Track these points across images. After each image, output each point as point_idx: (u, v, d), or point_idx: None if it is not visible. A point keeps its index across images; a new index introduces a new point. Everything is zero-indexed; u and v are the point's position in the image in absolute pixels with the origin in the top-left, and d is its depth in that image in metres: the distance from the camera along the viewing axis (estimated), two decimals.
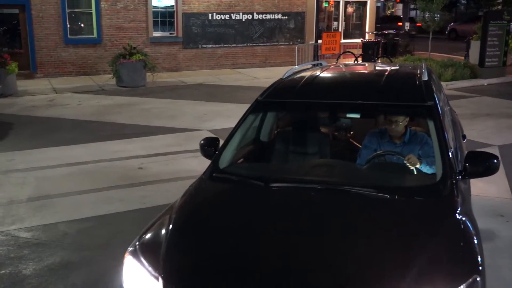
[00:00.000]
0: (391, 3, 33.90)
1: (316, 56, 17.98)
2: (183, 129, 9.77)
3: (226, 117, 10.81)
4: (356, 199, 3.25)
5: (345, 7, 21.44)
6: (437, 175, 3.47)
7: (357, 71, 5.70)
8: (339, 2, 21.17)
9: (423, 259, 2.64)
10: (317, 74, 4.62)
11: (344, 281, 2.54)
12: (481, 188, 6.64)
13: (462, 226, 3.03)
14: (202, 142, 4.18)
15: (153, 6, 17.35)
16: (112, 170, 7.38)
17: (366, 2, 21.81)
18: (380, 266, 2.60)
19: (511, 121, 10.41)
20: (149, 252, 2.91)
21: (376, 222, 3.00)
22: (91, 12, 16.49)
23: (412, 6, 31.29)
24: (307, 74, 4.64)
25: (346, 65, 8.14)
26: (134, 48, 14.86)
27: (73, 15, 16.27)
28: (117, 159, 7.88)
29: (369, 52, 18.69)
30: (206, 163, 4.16)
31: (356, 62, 17.54)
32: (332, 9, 21.37)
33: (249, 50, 19.23)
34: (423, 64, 4.65)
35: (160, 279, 2.68)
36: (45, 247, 5.04)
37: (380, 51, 19.05)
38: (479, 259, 2.78)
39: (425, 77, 4.16)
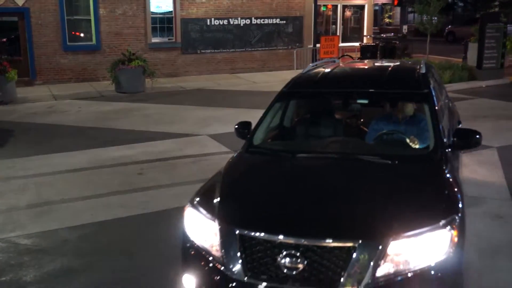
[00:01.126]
0: (389, 7, 33.99)
1: (314, 60, 18.01)
2: (183, 134, 9.80)
3: (225, 122, 10.84)
4: (364, 163, 4.13)
5: (343, 11, 21.50)
6: (429, 147, 4.29)
7: (365, 66, 6.73)
8: (337, 6, 21.24)
9: (415, 201, 3.49)
10: (332, 69, 5.48)
11: (355, 209, 3.45)
12: (480, 190, 6.66)
13: (447, 182, 3.85)
14: (237, 126, 5.00)
15: (151, 12, 17.41)
16: (112, 176, 7.40)
17: (363, 6, 21.88)
18: (382, 205, 3.44)
19: (510, 123, 10.44)
20: (205, 204, 3.73)
21: (380, 178, 3.86)
22: (90, 19, 16.55)
23: (409, 9, 31.39)
24: (323, 69, 5.46)
25: (356, 61, 9.18)
26: (133, 54, 14.90)
27: (72, 22, 16.31)
28: (117, 165, 7.90)
29: (367, 56, 18.73)
30: (205, 169, 4.18)
31: None
32: (330, 13, 21.43)
33: (248, 55, 19.28)
34: (422, 61, 5.40)
35: (216, 220, 3.50)
36: (46, 254, 5.05)
37: (378, 54, 19.09)
38: (460, 204, 3.58)
39: (423, 71, 5.04)
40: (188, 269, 3.64)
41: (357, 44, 20.68)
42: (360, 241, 3.16)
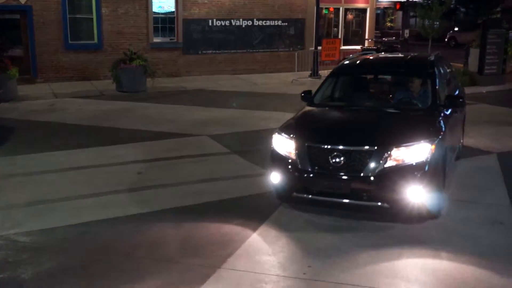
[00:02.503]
0: (391, 11, 34.01)
1: (315, 63, 18.02)
2: (183, 135, 9.80)
3: (225, 122, 10.85)
4: (386, 112, 6.65)
5: (345, 14, 21.53)
6: (428, 105, 6.60)
7: (391, 55, 9.92)
8: (339, 9, 21.26)
9: (412, 129, 5.84)
10: (365, 57, 8.42)
11: (375, 131, 5.88)
12: (480, 195, 6.66)
13: (434, 123, 6.19)
14: (302, 93, 7.28)
15: (153, 12, 17.43)
16: (112, 174, 7.40)
17: (365, 9, 21.91)
18: (391, 130, 5.87)
19: (510, 129, 10.45)
20: (285, 131, 6.14)
21: (394, 118, 6.42)
22: (92, 18, 16.56)
23: (411, 14, 31.40)
24: (359, 58, 8.36)
25: (384, 52, 12.02)
26: (135, 53, 14.91)
27: (74, 21, 16.32)
28: (116, 164, 7.90)
29: None
30: (205, 169, 4.17)
31: None
32: (332, 16, 21.46)
33: (249, 56, 19.29)
34: (437, 52, 8.20)
35: (293, 138, 5.89)
36: (44, 252, 5.04)
37: None
38: (439, 134, 5.89)
39: (432, 59, 7.46)
40: (274, 169, 5.99)
41: (358, 47, 20.69)
42: (376, 148, 5.54)
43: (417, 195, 5.43)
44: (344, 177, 5.55)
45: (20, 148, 8.72)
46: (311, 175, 5.65)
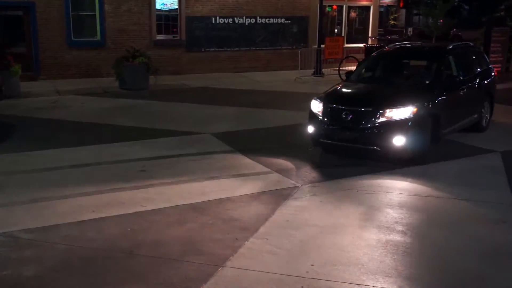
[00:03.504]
0: (394, 9, 33.88)
1: (319, 61, 17.98)
2: (185, 132, 9.79)
3: (228, 120, 10.83)
4: (394, 85, 8.93)
5: (348, 12, 21.46)
6: (430, 80, 8.84)
7: (419, 44, 12.25)
8: (342, 7, 21.20)
9: (407, 97, 7.99)
10: (398, 45, 11.07)
11: (378, 98, 8.17)
12: (483, 194, 6.64)
13: (428, 93, 8.31)
14: (346, 74, 9.99)
15: (156, 9, 17.40)
16: (114, 172, 7.40)
17: (369, 7, 21.84)
18: (389, 97, 8.09)
19: None
20: (319, 98, 8.38)
21: (400, 89, 8.65)
22: (95, 15, 16.54)
23: (415, 12, 31.28)
24: (394, 45, 11.13)
25: (413, 43, 13.73)
26: (137, 51, 14.89)
27: (77, 18, 16.31)
28: (119, 162, 7.89)
29: None
30: (207, 167, 4.14)
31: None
32: (335, 14, 21.39)
33: (252, 54, 19.26)
34: (452, 43, 11.41)
35: (321, 102, 8.23)
36: (47, 249, 5.04)
37: None
38: (426, 101, 8.07)
39: (450, 47, 9.79)
40: (310, 123, 8.36)
41: (362, 45, 20.64)
42: (371, 109, 7.79)
43: (399, 142, 7.58)
44: (351, 128, 7.88)
45: (22, 145, 8.72)
46: (331, 127, 8.08)
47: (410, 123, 7.64)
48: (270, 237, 5.34)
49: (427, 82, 8.75)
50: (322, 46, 18.15)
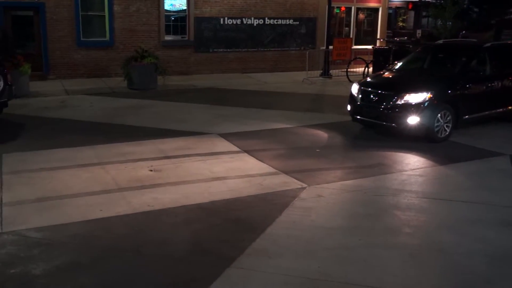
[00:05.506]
0: (403, 11, 33.80)
1: (327, 62, 17.96)
2: (193, 133, 9.81)
3: (235, 121, 10.85)
4: (422, 74, 10.62)
5: (357, 14, 21.43)
6: (455, 72, 10.24)
7: (459, 41, 13.48)
8: (350, 8, 21.17)
9: (424, 86, 9.41)
10: (443, 41, 12.50)
11: (400, 85, 9.76)
12: (491, 196, 6.60)
13: (448, 82, 9.79)
14: (389, 64, 13.41)
15: (165, 9, 17.47)
16: (122, 172, 7.43)
17: (377, 9, 21.80)
18: (409, 84, 9.63)
19: None
20: (358, 82, 10.46)
21: (422, 78, 10.22)
22: (104, 15, 16.63)
23: (424, 14, 31.19)
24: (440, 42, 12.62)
25: (457, 40, 14.95)
26: (146, 51, 14.95)
27: (86, 18, 16.40)
28: (127, 161, 7.93)
29: (380, 59, 18.62)
30: (215, 168, 4.17)
31: (367, 69, 17.50)
32: (344, 15, 21.36)
33: (260, 55, 19.28)
34: (491, 41, 12.69)
35: (358, 85, 10.19)
36: (55, 248, 5.08)
37: (391, 58, 18.97)
38: (443, 89, 9.57)
39: (487, 45, 10.72)
40: (349, 102, 10.16)
41: (370, 47, 20.59)
42: (391, 92, 9.36)
43: (413, 121, 9.04)
44: (376, 108, 9.46)
45: (31, 144, 8.78)
46: (362, 105, 9.75)
47: (423, 106, 9.06)
48: (277, 238, 5.34)
49: (453, 74, 9.97)
50: (330, 47, 18.13)
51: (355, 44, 20.64)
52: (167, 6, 17.52)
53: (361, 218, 5.90)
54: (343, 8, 21.14)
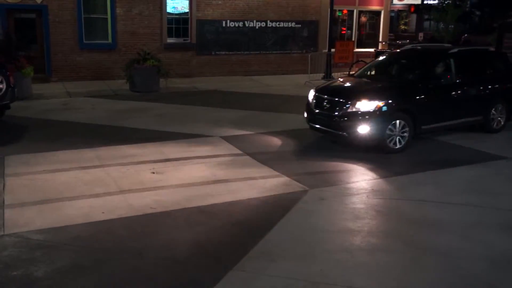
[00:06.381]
0: (405, 14, 33.80)
1: (329, 65, 17.96)
2: (195, 135, 9.82)
3: (237, 123, 10.85)
4: (376, 82, 9.94)
5: (359, 17, 21.44)
6: (415, 79, 9.78)
7: (423, 47, 11.88)
8: (353, 11, 21.17)
9: (376, 92, 9.12)
10: (402, 48, 11.66)
11: (353, 92, 9.26)
12: (494, 200, 6.59)
13: (403, 91, 9.33)
14: (351, 72, 12.40)
15: (167, 12, 17.49)
16: (124, 174, 7.43)
17: (380, 12, 21.80)
18: (360, 93, 9.10)
19: None
20: (314, 89, 9.68)
21: (375, 86, 9.64)
22: (107, 18, 16.66)
23: (426, 17, 31.18)
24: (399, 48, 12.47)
25: (421, 45, 13.16)
26: (148, 53, 14.97)
27: (88, 21, 16.44)
28: (129, 164, 7.93)
29: None
30: (216, 170, 4.14)
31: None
32: (346, 18, 21.37)
33: (262, 58, 19.28)
34: (453, 46, 11.23)
35: (313, 91, 9.59)
36: (56, 250, 5.08)
37: None
38: (396, 98, 8.94)
39: (453, 50, 10.09)
40: (305, 109, 9.58)
41: (372, 50, 20.60)
42: (343, 100, 8.81)
43: (363, 130, 8.54)
44: (328, 116, 8.94)
45: (33, 146, 8.80)
46: (316, 113, 9.22)
47: (373, 115, 8.53)
48: (279, 241, 5.34)
49: (411, 81, 9.50)
50: (332, 50, 18.14)
51: (357, 47, 20.64)
52: (169, 9, 17.55)
53: (363, 222, 5.89)
54: (345, 11, 21.15)
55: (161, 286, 4.47)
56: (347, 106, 8.68)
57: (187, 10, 17.80)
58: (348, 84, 9.96)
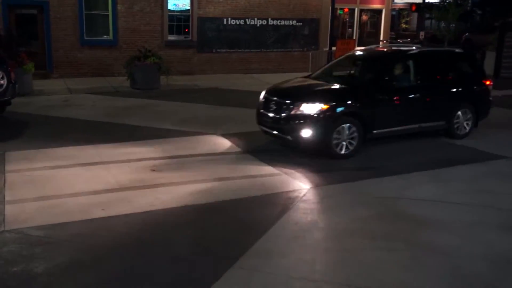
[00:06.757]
0: (406, 12, 33.78)
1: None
2: (195, 133, 9.82)
3: (238, 121, 10.85)
4: (324, 84, 9.11)
5: (360, 15, 21.43)
6: (359, 82, 9.50)
7: (383, 48, 11.50)
8: (354, 9, 21.17)
9: (321, 94, 8.57)
10: (362, 49, 11.74)
11: (299, 94, 8.75)
12: (494, 200, 6.60)
13: (348, 93, 8.76)
14: (310, 74, 10.51)
15: (168, 9, 17.48)
16: (125, 171, 7.44)
17: (381, 11, 21.79)
18: (306, 94, 8.68)
19: None
20: (266, 89, 9.23)
21: (322, 88, 9.00)
22: (108, 15, 16.66)
23: (427, 16, 31.16)
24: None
25: (384, 47, 12.74)
26: (149, 51, 14.96)
27: (89, 17, 16.43)
28: (129, 161, 7.94)
29: None
30: (216, 168, 4.14)
31: None
32: (347, 16, 21.36)
33: (263, 56, 19.28)
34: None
35: (264, 93, 9.10)
36: (57, 246, 5.09)
37: None
38: (341, 101, 8.40)
39: (412, 51, 9.65)
40: (256, 110, 9.04)
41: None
42: (288, 101, 8.32)
43: (306, 134, 8.07)
44: (274, 117, 8.47)
45: (33, 143, 8.80)
46: (263, 114, 8.76)
47: (317, 118, 8.07)
48: (279, 239, 5.35)
49: (362, 84, 9.08)
50: (333, 48, 18.12)
51: (358, 46, 20.62)
52: (170, 6, 17.54)
53: (362, 221, 5.90)
54: (346, 10, 21.14)
55: (160, 284, 4.48)
56: (291, 108, 8.21)
57: (188, 8, 17.79)
58: (298, 85, 9.36)
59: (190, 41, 17.98)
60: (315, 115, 8.07)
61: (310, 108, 8.11)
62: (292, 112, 8.20)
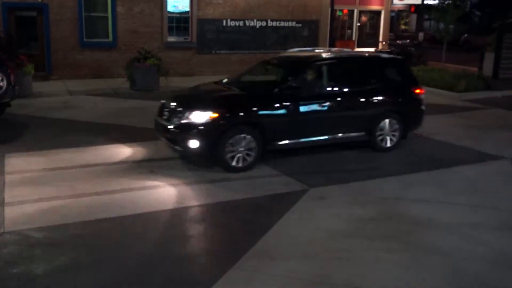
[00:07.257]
0: (405, 14, 33.86)
1: None
2: None
3: None
4: (224, 90, 8.62)
5: (359, 16, 21.46)
6: (267, 90, 8.33)
7: (296, 54, 9.89)
8: (353, 11, 21.20)
9: (213, 101, 7.93)
10: (278, 55, 10.43)
11: (196, 101, 8.16)
12: (493, 201, 6.60)
13: (247, 100, 8.09)
14: (225, 80, 9.28)
15: (168, 11, 17.50)
16: (124, 173, 7.44)
17: (380, 12, 21.82)
18: (202, 101, 8.05)
19: None
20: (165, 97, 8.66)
21: (220, 94, 8.51)
22: (107, 16, 16.66)
23: (426, 17, 31.22)
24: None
25: (300, 51, 10.67)
26: (149, 52, 14.96)
27: (89, 19, 16.44)
28: (130, 162, 7.94)
29: None
30: (217, 169, 4.13)
31: None
32: (346, 18, 21.39)
33: (263, 57, 19.18)
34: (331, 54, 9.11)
35: (165, 99, 8.30)
36: (56, 248, 5.09)
37: None
38: (235, 108, 7.68)
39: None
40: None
41: (372, 49, 20.62)
42: (180, 109, 7.69)
43: (195, 145, 7.41)
44: (166, 126, 7.77)
45: (33, 144, 8.80)
46: (155, 121, 8.23)
47: (205, 128, 7.36)
48: (279, 240, 5.36)
49: (262, 91, 8.20)
50: None
51: (358, 47, 20.66)
52: (170, 8, 17.55)
53: (362, 221, 5.90)
54: (345, 11, 21.17)
55: (160, 285, 4.48)
56: (180, 116, 7.55)
57: (187, 9, 17.80)
58: (199, 91, 8.87)
59: (190, 43, 17.99)
60: (204, 124, 7.36)
61: (199, 117, 7.40)
62: (182, 121, 7.50)
